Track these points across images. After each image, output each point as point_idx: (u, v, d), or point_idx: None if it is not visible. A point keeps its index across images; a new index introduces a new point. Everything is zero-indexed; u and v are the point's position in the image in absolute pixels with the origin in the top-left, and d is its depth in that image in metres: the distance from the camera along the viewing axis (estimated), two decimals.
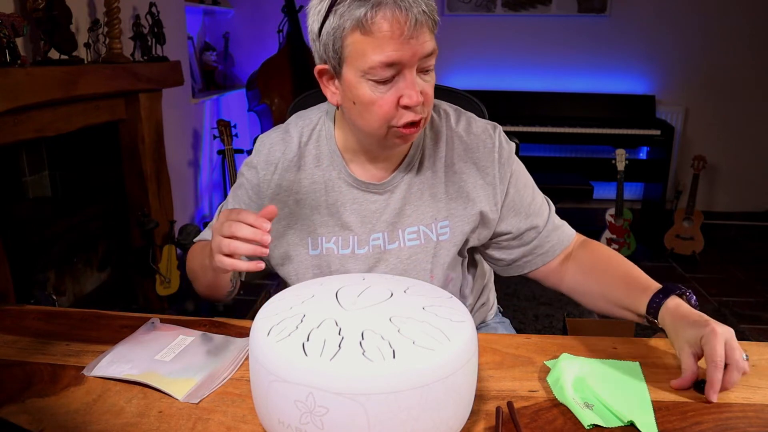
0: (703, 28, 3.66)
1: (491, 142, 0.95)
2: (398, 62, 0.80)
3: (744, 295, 2.91)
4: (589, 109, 3.70)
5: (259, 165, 0.98)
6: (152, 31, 2.34)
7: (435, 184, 0.95)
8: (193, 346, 0.87)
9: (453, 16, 3.76)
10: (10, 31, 1.54)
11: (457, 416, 0.64)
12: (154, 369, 0.80)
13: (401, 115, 0.83)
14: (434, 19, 0.83)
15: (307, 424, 0.58)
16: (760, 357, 0.84)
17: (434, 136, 0.97)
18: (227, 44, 3.82)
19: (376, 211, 0.95)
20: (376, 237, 0.95)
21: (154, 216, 2.32)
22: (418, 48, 0.80)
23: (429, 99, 0.85)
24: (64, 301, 1.98)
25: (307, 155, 0.97)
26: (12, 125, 1.60)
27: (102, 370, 0.80)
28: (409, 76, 0.81)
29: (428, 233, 0.95)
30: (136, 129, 2.23)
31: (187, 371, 0.80)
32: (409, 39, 0.79)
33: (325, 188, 0.96)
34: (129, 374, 0.79)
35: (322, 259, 0.97)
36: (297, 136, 0.98)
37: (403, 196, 0.95)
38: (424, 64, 0.83)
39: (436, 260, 0.96)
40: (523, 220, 0.97)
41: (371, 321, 0.64)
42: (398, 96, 0.82)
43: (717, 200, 3.91)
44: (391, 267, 0.95)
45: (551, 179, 3.31)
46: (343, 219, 0.95)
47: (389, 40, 0.78)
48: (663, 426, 0.68)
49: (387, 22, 0.78)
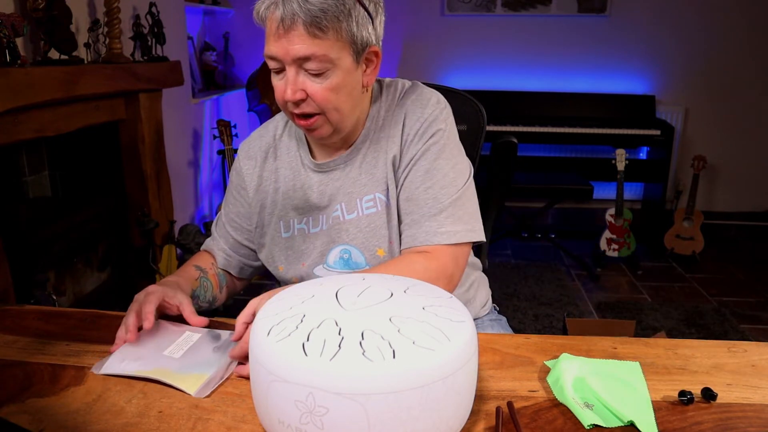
0: (703, 28, 3.66)
1: (420, 112, 0.98)
2: (274, 56, 0.88)
3: (744, 295, 2.91)
4: (589, 109, 3.70)
5: (242, 163, 1.08)
6: (152, 31, 2.34)
7: (387, 150, 0.99)
8: (201, 342, 0.87)
9: (453, 16, 3.77)
10: (10, 31, 1.54)
11: (457, 416, 0.64)
12: (165, 365, 0.81)
13: (289, 105, 0.91)
14: (319, 25, 0.85)
15: (307, 424, 0.58)
16: (760, 357, 0.84)
17: (386, 107, 1.02)
18: (227, 44, 3.82)
19: (339, 186, 1.01)
20: (335, 209, 1.00)
21: (154, 216, 2.32)
22: (290, 48, 0.86)
23: (318, 100, 0.90)
24: (64, 301, 1.98)
25: (281, 146, 1.07)
26: (12, 125, 1.60)
27: (111, 367, 0.81)
28: (289, 73, 0.89)
29: (384, 199, 0.99)
30: (136, 129, 2.23)
31: (198, 367, 0.81)
32: (280, 38, 0.86)
33: (293, 174, 1.04)
34: (140, 371, 0.79)
35: (294, 239, 1.04)
36: (273, 130, 1.09)
37: (358, 166, 1.00)
38: (306, 65, 0.88)
39: (391, 225, 0.99)
40: (403, 200, 0.98)
41: (371, 321, 0.64)
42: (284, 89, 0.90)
43: (717, 200, 3.91)
44: (351, 236, 1.00)
45: (551, 179, 3.31)
46: (311, 201, 1.02)
47: (268, 34, 0.88)
48: (663, 426, 0.68)
49: (269, 19, 0.87)
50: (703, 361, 0.83)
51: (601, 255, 3.28)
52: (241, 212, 1.09)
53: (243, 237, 1.10)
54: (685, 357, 0.84)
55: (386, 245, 0.99)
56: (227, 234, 1.11)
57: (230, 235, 1.11)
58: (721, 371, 0.81)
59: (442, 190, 0.96)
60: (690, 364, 0.82)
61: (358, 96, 0.95)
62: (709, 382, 0.77)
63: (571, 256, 3.34)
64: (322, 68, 0.88)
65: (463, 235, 0.96)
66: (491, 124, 3.45)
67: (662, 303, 2.81)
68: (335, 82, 0.89)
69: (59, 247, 1.92)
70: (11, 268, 1.54)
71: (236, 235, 1.10)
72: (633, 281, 3.09)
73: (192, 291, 1.02)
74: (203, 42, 3.65)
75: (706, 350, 0.86)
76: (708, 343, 0.88)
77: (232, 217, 1.11)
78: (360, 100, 0.96)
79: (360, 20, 0.89)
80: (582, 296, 2.89)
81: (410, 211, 0.97)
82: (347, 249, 1.00)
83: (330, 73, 0.89)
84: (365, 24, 0.90)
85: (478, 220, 1.00)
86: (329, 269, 1.02)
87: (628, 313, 2.68)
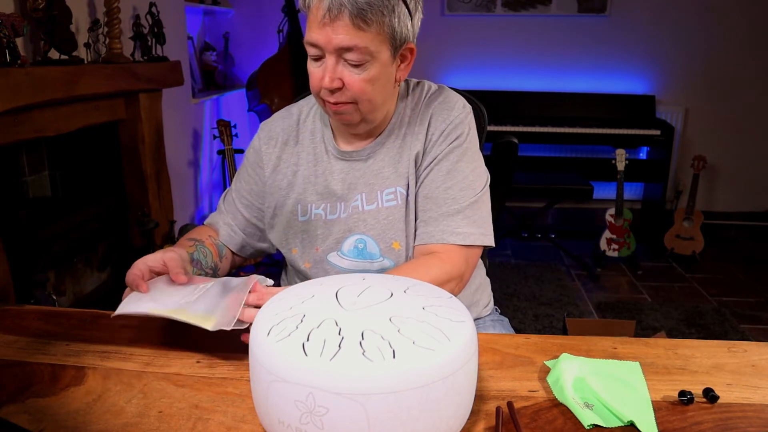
0: (703, 28, 3.66)
1: (447, 114, 1.01)
2: (315, 44, 0.89)
3: (744, 295, 2.92)
4: (589, 109, 3.71)
5: (262, 142, 1.09)
6: (152, 31, 2.34)
7: (412, 147, 1.01)
8: (214, 288, 0.87)
9: (453, 16, 3.77)
10: (10, 31, 1.54)
11: (457, 416, 0.64)
12: (181, 306, 0.81)
13: (323, 91, 0.93)
14: (364, 18, 0.86)
15: (307, 424, 0.58)
16: (760, 357, 0.84)
17: (413, 106, 1.03)
18: (227, 44, 3.82)
19: (360, 177, 1.02)
20: (355, 198, 1.02)
21: (154, 216, 2.32)
22: (333, 37, 0.87)
23: (354, 90, 0.91)
24: (64, 301, 1.98)
25: (305, 131, 1.08)
26: (12, 125, 1.60)
27: (127, 307, 0.82)
28: (328, 61, 0.90)
29: (404, 193, 1.00)
30: (136, 129, 2.23)
31: (210, 311, 0.81)
32: (324, 26, 0.87)
33: (315, 160, 1.05)
34: (155, 309, 0.80)
35: (310, 224, 1.05)
36: (296, 114, 1.10)
37: (382, 159, 1.02)
38: (346, 56, 0.89)
39: (408, 220, 1.00)
40: (422, 198, 1.00)
41: (371, 321, 0.64)
42: (322, 76, 0.91)
43: (717, 200, 3.91)
44: (369, 227, 1.01)
45: (551, 179, 3.31)
46: (331, 187, 1.03)
47: (312, 21, 0.89)
48: (663, 426, 0.68)
49: (315, 6, 0.87)
50: (703, 361, 0.83)
51: (601, 255, 3.28)
52: (253, 190, 1.10)
53: (252, 215, 1.11)
54: (685, 357, 0.84)
55: (402, 238, 1.00)
56: (236, 210, 1.12)
57: (239, 212, 1.12)
58: (721, 371, 0.81)
59: (461, 192, 0.98)
60: (690, 364, 0.82)
61: (390, 90, 0.97)
62: (709, 382, 0.77)
63: (571, 256, 3.34)
64: (362, 60, 0.89)
65: (476, 238, 0.98)
66: (491, 124, 3.45)
67: (662, 303, 2.81)
68: (372, 74, 0.91)
69: (59, 247, 1.91)
70: (11, 268, 1.54)
71: (245, 212, 1.11)
72: (633, 281, 3.09)
73: (191, 254, 1.01)
74: (203, 42, 3.65)
75: (706, 350, 0.86)
76: (708, 343, 0.88)
77: (243, 194, 1.11)
78: (391, 94, 0.99)
79: (401, 16, 0.90)
80: (582, 296, 2.89)
81: (428, 209, 0.99)
82: (363, 239, 1.02)
83: (368, 65, 0.90)
84: (405, 20, 0.91)
85: (491, 226, 1.02)
86: (343, 257, 1.03)
87: (628, 313, 2.68)
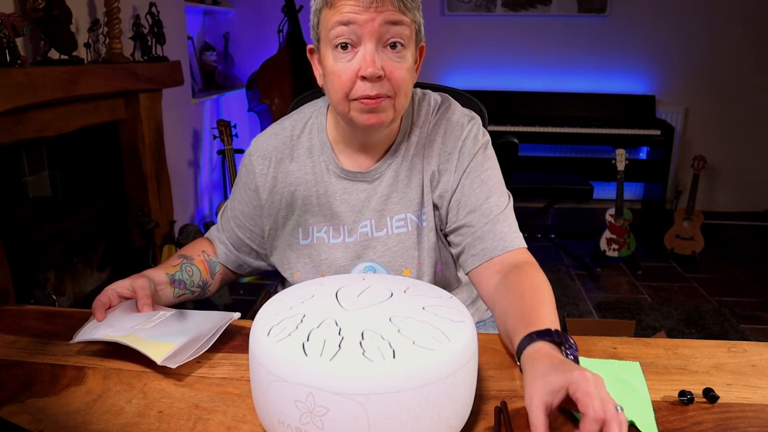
0: (703, 28, 3.66)
1: (459, 131, 0.97)
2: (353, 22, 0.82)
3: (744, 295, 2.91)
4: (589, 109, 3.71)
5: (255, 162, 1.02)
6: (152, 31, 2.34)
7: (424, 170, 0.97)
8: (171, 317, 0.89)
9: (453, 16, 3.77)
10: (10, 31, 1.54)
11: (457, 416, 0.63)
12: (135, 333, 0.82)
13: (359, 87, 0.85)
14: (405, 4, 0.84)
15: (307, 424, 0.58)
16: (760, 357, 0.84)
17: (420, 124, 0.99)
18: (227, 44, 3.83)
19: (365, 199, 0.98)
20: (363, 225, 0.98)
21: (154, 216, 2.32)
22: (377, 15, 0.81)
23: (395, 80, 0.85)
24: (64, 301, 1.98)
25: (300, 147, 1.01)
26: (12, 125, 1.60)
27: (84, 335, 0.83)
28: (369, 46, 0.83)
29: (415, 220, 0.97)
30: (136, 129, 2.23)
31: (167, 336, 0.82)
32: (368, 7, 0.81)
33: (315, 179, 0.99)
34: (110, 335, 0.81)
35: (312, 248, 1.00)
36: (290, 129, 1.02)
37: (390, 184, 0.97)
38: (387, 35, 0.83)
39: (421, 247, 0.98)
40: (465, 215, 0.96)
41: (371, 321, 0.64)
42: (358, 68, 0.84)
43: (717, 200, 3.91)
44: (378, 254, 0.98)
45: (551, 179, 3.31)
46: (333, 209, 0.99)
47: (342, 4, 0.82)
48: (663, 426, 0.68)
49: None
50: (703, 361, 0.83)
51: (601, 255, 3.28)
52: (246, 212, 1.05)
53: (245, 235, 1.07)
54: (685, 357, 0.84)
55: (414, 266, 0.98)
56: (231, 230, 1.08)
57: (234, 232, 1.08)
58: (721, 371, 0.81)
59: (499, 198, 0.96)
60: (690, 364, 0.82)
61: (411, 90, 0.93)
62: (709, 382, 0.77)
63: (571, 256, 3.34)
64: (404, 41, 0.85)
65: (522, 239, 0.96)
66: (491, 124, 3.45)
67: (662, 303, 2.81)
68: (410, 63, 0.87)
69: (59, 247, 1.92)
70: (11, 268, 1.54)
71: (239, 233, 1.07)
72: (633, 281, 3.09)
73: (171, 276, 1.00)
74: (203, 42, 3.65)
75: (706, 350, 0.86)
76: (708, 343, 0.88)
77: (236, 214, 1.07)
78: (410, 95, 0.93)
79: (422, 13, 0.89)
80: (582, 296, 2.89)
81: (475, 222, 0.94)
82: (372, 266, 0.98)
83: (406, 53, 0.86)
84: (422, 19, 0.90)
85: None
86: None
87: (628, 313, 2.68)
